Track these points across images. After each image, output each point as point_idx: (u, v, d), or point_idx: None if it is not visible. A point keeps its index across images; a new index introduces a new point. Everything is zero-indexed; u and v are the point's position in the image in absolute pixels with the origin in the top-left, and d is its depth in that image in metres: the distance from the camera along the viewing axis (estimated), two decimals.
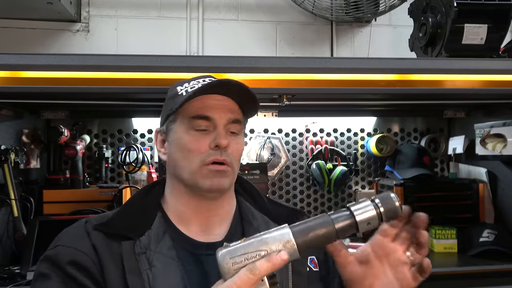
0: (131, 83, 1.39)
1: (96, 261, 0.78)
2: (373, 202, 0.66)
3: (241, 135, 0.91)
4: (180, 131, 0.86)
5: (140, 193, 0.93)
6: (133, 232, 0.82)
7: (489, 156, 1.94)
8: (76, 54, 1.90)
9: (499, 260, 1.70)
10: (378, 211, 0.66)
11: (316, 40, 2.41)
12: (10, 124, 1.80)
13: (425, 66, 1.54)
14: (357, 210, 0.66)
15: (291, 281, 0.83)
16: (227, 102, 0.88)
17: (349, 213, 0.66)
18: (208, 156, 0.84)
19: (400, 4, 2.12)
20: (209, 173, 0.83)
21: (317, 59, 1.50)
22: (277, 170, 2.27)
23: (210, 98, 0.86)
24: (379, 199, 0.66)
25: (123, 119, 2.19)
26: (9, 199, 1.68)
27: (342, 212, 0.66)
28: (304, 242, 0.64)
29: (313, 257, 0.89)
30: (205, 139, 0.85)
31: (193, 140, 0.85)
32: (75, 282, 0.76)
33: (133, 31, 2.27)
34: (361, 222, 0.65)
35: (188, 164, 0.85)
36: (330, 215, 0.66)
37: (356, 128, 2.34)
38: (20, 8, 2.06)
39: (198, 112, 0.85)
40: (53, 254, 0.79)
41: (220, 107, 0.86)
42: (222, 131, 0.85)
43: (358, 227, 0.65)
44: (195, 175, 0.84)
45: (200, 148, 0.84)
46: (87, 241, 0.80)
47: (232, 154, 0.86)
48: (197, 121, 0.85)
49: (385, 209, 0.66)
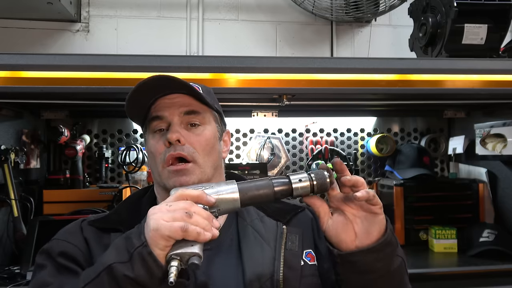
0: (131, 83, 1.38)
1: (85, 252, 0.85)
2: (309, 175, 0.78)
3: (205, 125, 0.91)
4: (148, 138, 0.92)
5: (137, 192, 0.99)
6: (123, 225, 0.87)
7: (489, 156, 1.94)
8: (76, 54, 1.90)
9: (499, 260, 1.70)
10: (311, 183, 0.77)
11: (316, 40, 2.41)
12: (10, 124, 1.80)
13: (425, 66, 1.54)
14: (294, 179, 0.77)
15: (281, 275, 0.84)
16: (180, 98, 0.90)
17: (288, 180, 0.77)
18: (164, 155, 0.87)
19: (400, 4, 2.12)
20: (170, 173, 0.87)
21: (317, 59, 1.49)
22: (277, 170, 2.27)
23: (164, 99, 0.90)
24: (314, 174, 0.78)
25: (123, 119, 2.19)
26: (9, 199, 1.67)
27: (282, 179, 0.78)
28: (246, 195, 0.76)
29: (309, 251, 0.90)
30: (162, 138, 0.88)
31: (154, 143, 0.89)
32: (66, 269, 0.83)
33: (133, 31, 2.27)
34: (296, 189, 0.77)
35: (155, 166, 0.90)
36: (272, 179, 0.78)
37: (356, 128, 2.34)
38: (20, 8, 2.06)
39: (152, 114, 0.90)
40: (48, 247, 0.88)
41: (170, 105, 0.89)
42: (173, 127, 0.87)
43: (293, 193, 0.77)
44: (162, 177, 0.88)
45: (158, 148, 0.88)
46: (78, 235, 0.88)
47: (190, 147, 0.87)
48: (153, 123, 0.90)
49: (317, 183, 0.77)
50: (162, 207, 0.71)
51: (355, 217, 0.78)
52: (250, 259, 0.85)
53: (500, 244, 1.78)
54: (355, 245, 0.78)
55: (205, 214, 0.71)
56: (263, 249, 0.87)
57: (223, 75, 1.41)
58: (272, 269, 0.84)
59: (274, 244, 0.88)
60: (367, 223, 0.77)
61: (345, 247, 0.78)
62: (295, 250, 0.88)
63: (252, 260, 0.85)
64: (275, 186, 0.77)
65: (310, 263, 0.89)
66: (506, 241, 1.80)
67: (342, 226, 0.78)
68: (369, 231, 0.77)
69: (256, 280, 0.83)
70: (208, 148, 0.89)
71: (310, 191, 0.77)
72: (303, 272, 0.87)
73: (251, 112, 2.05)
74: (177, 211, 0.69)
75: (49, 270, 0.83)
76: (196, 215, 0.69)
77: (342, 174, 0.78)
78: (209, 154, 0.90)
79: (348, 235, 0.78)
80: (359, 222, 0.78)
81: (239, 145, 2.26)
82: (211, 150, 0.90)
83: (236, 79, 1.43)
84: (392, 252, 0.79)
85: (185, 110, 0.89)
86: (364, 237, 0.77)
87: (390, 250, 0.78)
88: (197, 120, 0.90)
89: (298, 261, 0.88)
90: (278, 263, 0.85)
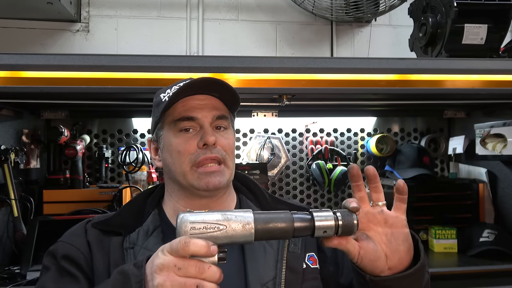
0: (131, 83, 1.39)
1: (87, 255, 0.85)
2: (334, 214, 0.70)
3: (230, 130, 0.93)
4: (169, 136, 0.90)
5: (141, 194, 0.98)
6: (124, 228, 0.87)
7: (489, 156, 1.94)
8: (76, 54, 1.90)
9: (499, 260, 1.70)
10: (336, 223, 0.69)
11: (316, 40, 2.41)
12: (10, 124, 1.80)
13: (425, 66, 1.53)
14: (318, 217, 0.69)
15: (283, 278, 0.84)
16: (210, 101, 0.90)
17: (311, 217, 0.70)
18: (198, 156, 0.86)
19: (400, 4, 2.12)
20: (200, 175, 0.86)
21: (317, 59, 1.49)
22: (277, 170, 2.27)
23: (193, 99, 0.89)
24: (340, 213, 0.70)
25: (123, 119, 2.19)
26: (9, 199, 1.67)
27: (305, 215, 0.70)
28: (262, 230, 0.67)
29: (312, 254, 0.90)
30: (193, 139, 0.87)
31: (182, 142, 0.88)
32: (68, 273, 0.83)
33: (133, 31, 2.27)
34: (318, 228, 0.69)
35: (179, 166, 0.88)
36: (293, 213, 0.70)
37: (356, 128, 2.34)
38: (20, 8, 2.06)
39: (182, 114, 0.88)
40: (53, 249, 0.88)
41: (203, 107, 0.89)
42: (209, 129, 0.88)
43: (314, 232, 0.69)
44: (188, 177, 0.87)
45: (189, 149, 0.87)
46: (82, 238, 0.88)
47: (222, 150, 0.88)
48: (183, 123, 0.88)
49: (343, 223, 0.69)
50: (171, 268, 0.63)
51: (382, 236, 0.74)
52: (252, 261, 0.85)
53: (500, 244, 1.78)
54: (388, 267, 0.74)
55: (215, 278, 0.64)
56: (266, 251, 0.87)
57: (223, 75, 1.41)
58: (274, 272, 0.84)
59: (277, 247, 0.88)
60: (396, 242, 0.74)
61: (378, 271, 0.74)
62: (297, 253, 0.88)
63: (255, 263, 0.85)
64: (295, 222, 0.69)
65: (312, 266, 0.89)
66: (506, 241, 1.80)
67: (375, 254, 0.73)
68: (399, 250, 0.74)
69: (258, 282, 0.83)
70: (232, 152, 0.92)
71: (334, 233, 0.70)
72: (305, 275, 0.87)
73: (251, 112, 2.05)
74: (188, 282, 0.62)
75: (52, 274, 0.84)
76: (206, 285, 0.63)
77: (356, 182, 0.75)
78: (234, 157, 0.92)
79: (382, 260, 0.74)
80: (387, 241, 0.74)
81: (239, 145, 2.26)
82: (234, 153, 0.93)
83: (236, 79, 1.42)
84: (424, 271, 0.77)
85: (218, 114, 0.90)
86: (394, 256, 0.74)
87: (423, 271, 0.76)
88: (225, 124, 0.91)
89: (300, 264, 0.88)
90: (280, 265, 0.85)
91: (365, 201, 0.75)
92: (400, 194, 0.75)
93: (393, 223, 0.74)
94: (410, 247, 0.75)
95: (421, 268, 0.75)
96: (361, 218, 0.74)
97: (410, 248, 0.75)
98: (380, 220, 0.74)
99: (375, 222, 0.75)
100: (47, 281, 0.84)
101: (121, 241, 0.86)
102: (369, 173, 0.75)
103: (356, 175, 0.75)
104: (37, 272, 1.49)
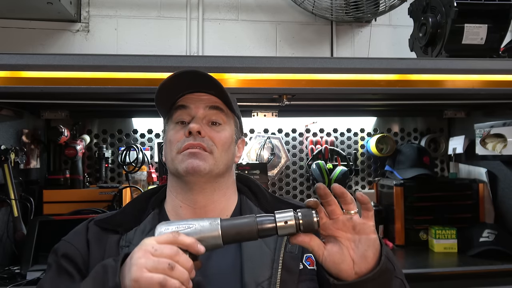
0: (131, 83, 1.39)
1: (84, 254, 0.88)
2: (296, 213, 0.75)
3: (226, 126, 0.95)
4: (168, 130, 0.94)
5: (145, 193, 1.00)
6: (122, 227, 0.90)
7: (489, 156, 1.94)
8: (76, 54, 1.90)
9: (499, 260, 1.70)
10: (297, 222, 0.75)
11: (316, 40, 2.41)
12: (10, 124, 1.80)
13: (425, 66, 1.53)
14: (279, 218, 0.75)
15: (279, 278, 0.84)
16: (207, 97, 0.94)
17: (273, 218, 0.75)
18: (183, 143, 0.89)
19: (400, 4, 2.12)
20: (183, 157, 0.89)
21: (317, 59, 1.49)
22: (277, 170, 2.27)
23: (192, 95, 0.94)
24: (301, 212, 0.75)
25: (123, 119, 2.19)
26: (9, 199, 1.67)
27: (268, 217, 0.76)
28: (229, 234, 0.74)
29: (309, 255, 0.90)
30: (183, 130, 0.91)
31: (174, 132, 0.92)
32: (65, 272, 0.86)
33: (133, 31, 2.27)
34: (280, 227, 0.75)
35: (169, 154, 0.92)
36: (257, 217, 0.76)
37: (356, 128, 2.34)
38: (20, 8, 2.06)
39: (177, 103, 0.94)
40: (56, 247, 0.91)
41: (198, 100, 0.93)
42: (197, 119, 0.91)
43: (278, 231, 0.75)
44: (174, 162, 0.90)
45: (178, 137, 0.91)
46: (83, 236, 0.91)
47: (209, 141, 0.90)
48: (177, 112, 0.93)
49: (303, 221, 0.75)
50: (148, 249, 0.69)
51: (350, 242, 0.75)
52: (249, 261, 0.85)
53: (500, 244, 1.78)
54: (354, 272, 0.75)
55: (188, 265, 0.69)
56: (263, 251, 0.87)
57: (223, 75, 1.41)
58: (270, 272, 0.84)
59: (274, 247, 0.88)
60: (362, 247, 0.75)
61: (345, 275, 0.75)
62: (295, 253, 0.88)
63: (251, 262, 0.85)
64: (258, 224, 0.75)
65: (309, 267, 0.89)
66: (506, 241, 1.80)
67: (339, 256, 0.75)
68: (365, 255, 0.74)
69: (253, 281, 0.83)
70: (225, 146, 0.93)
71: (296, 231, 0.75)
72: (302, 276, 0.87)
73: (251, 112, 2.05)
74: (161, 260, 0.67)
75: (52, 272, 0.88)
76: (178, 268, 0.67)
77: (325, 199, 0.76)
78: (225, 152, 0.93)
79: (346, 263, 0.75)
80: (354, 246, 0.75)
81: None
82: (228, 148, 0.93)
83: (236, 79, 1.42)
84: (390, 277, 0.78)
85: (211, 104, 0.93)
86: (361, 261, 0.74)
87: (388, 276, 0.77)
88: (219, 118, 0.93)
89: (297, 264, 0.88)
90: (276, 265, 0.85)
91: (335, 213, 0.76)
92: (362, 203, 0.77)
93: (361, 229, 0.75)
94: (376, 254, 0.76)
95: (384, 273, 0.75)
96: (331, 225, 0.76)
97: (376, 254, 0.76)
98: (349, 227, 0.76)
99: (344, 229, 0.76)
100: (45, 281, 0.87)
101: (118, 239, 0.88)
102: (336, 192, 0.76)
103: (323, 194, 0.76)
104: (37, 272, 1.50)
